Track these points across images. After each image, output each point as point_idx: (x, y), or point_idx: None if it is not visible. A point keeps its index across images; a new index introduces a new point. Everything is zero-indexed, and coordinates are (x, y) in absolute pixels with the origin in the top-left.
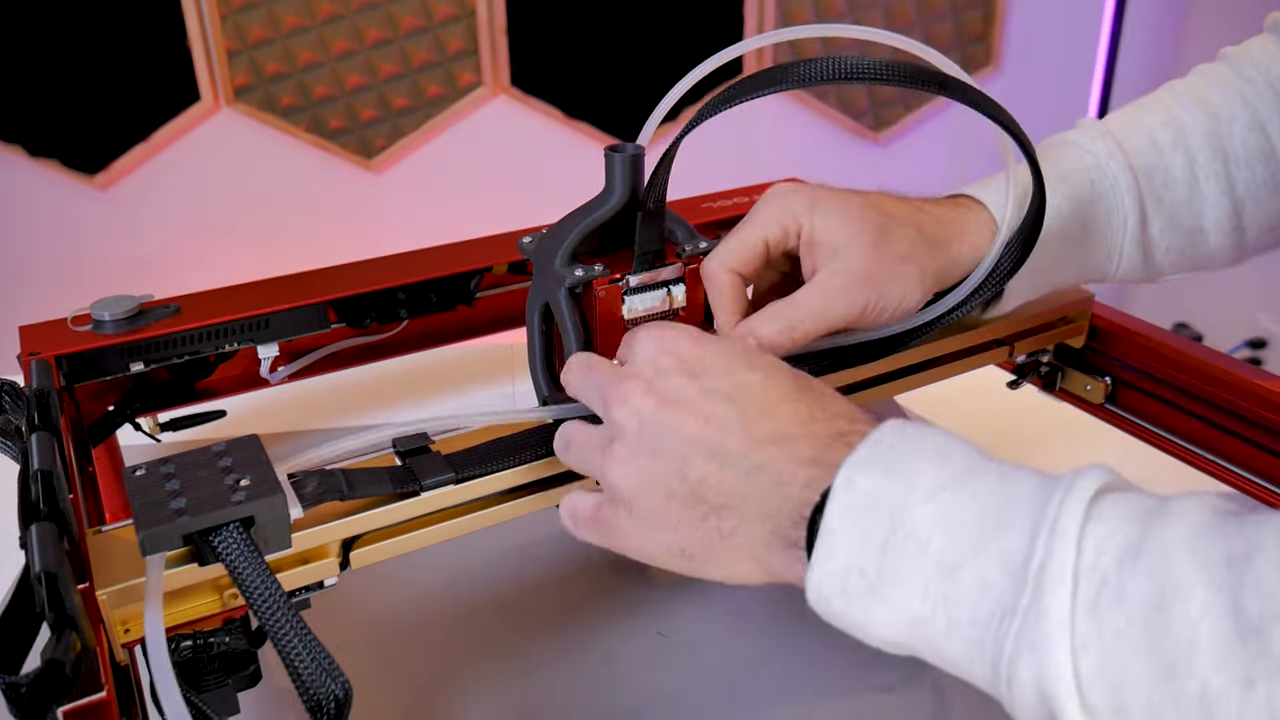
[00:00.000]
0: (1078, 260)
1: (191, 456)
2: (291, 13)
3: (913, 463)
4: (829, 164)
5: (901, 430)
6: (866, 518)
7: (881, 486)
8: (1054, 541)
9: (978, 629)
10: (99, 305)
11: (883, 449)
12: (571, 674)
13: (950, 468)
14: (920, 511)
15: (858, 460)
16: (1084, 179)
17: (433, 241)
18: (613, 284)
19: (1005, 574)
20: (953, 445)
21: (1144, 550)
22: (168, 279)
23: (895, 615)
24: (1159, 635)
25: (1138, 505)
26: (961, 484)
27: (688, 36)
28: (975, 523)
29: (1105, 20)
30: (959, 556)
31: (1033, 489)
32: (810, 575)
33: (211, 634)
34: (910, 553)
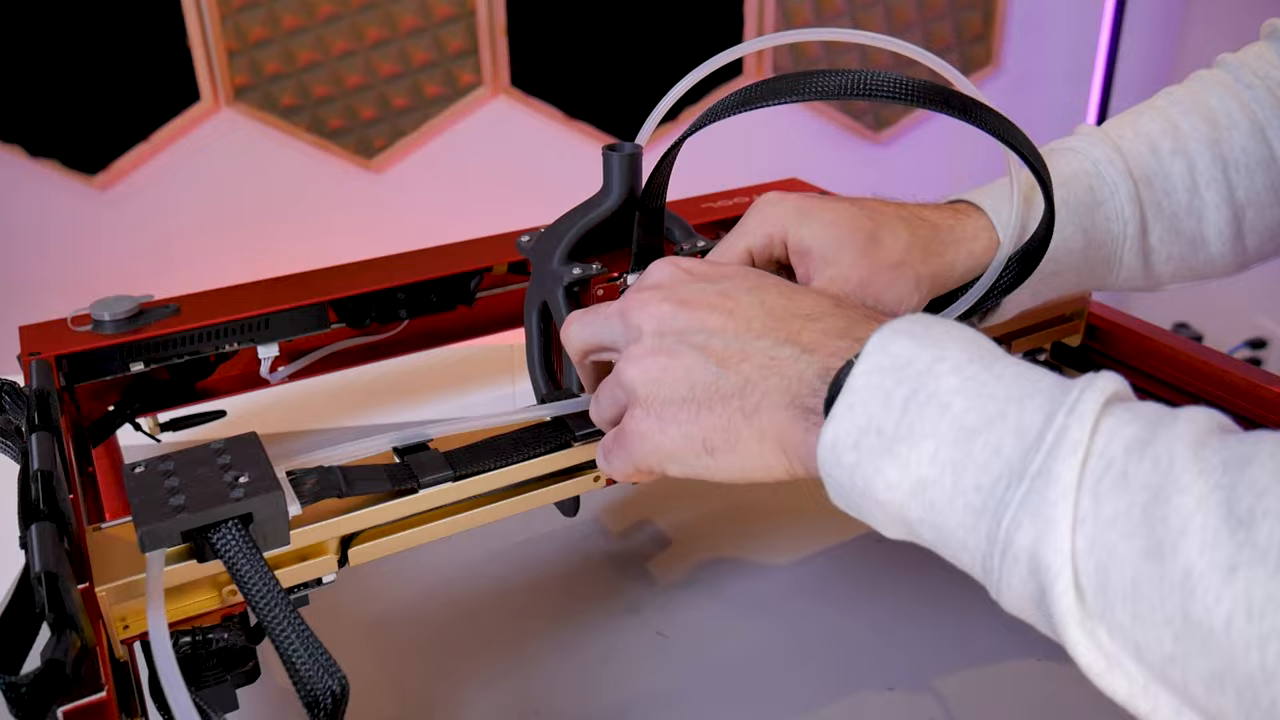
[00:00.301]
0: (1078, 267)
1: (190, 454)
2: (291, 13)
3: (945, 340)
4: (829, 164)
5: (933, 318)
6: (892, 378)
7: (913, 352)
8: (1070, 420)
9: (981, 495)
10: (99, 305)
11: (916, 324)
12: (570, 673)
13: (980, 349)
14: (947, 379)
15: (891, 329)
16: (1084, 185)
17: (433, 241)
18: (610, 282)
19: (1019, 444)
20: (983, 337)
21: (1152, 442)
22: (168, 279)
23: (903, 476)
24: (1153, 521)
25: (1150, 408)
26: (989, 363)
27: (688, 36)
28: (998, 395)
29: (1105, 20)
30: (978, 423)
31: (1055, 379)
32: (825, 431)
33: (210, 630)
34: (930, 414)
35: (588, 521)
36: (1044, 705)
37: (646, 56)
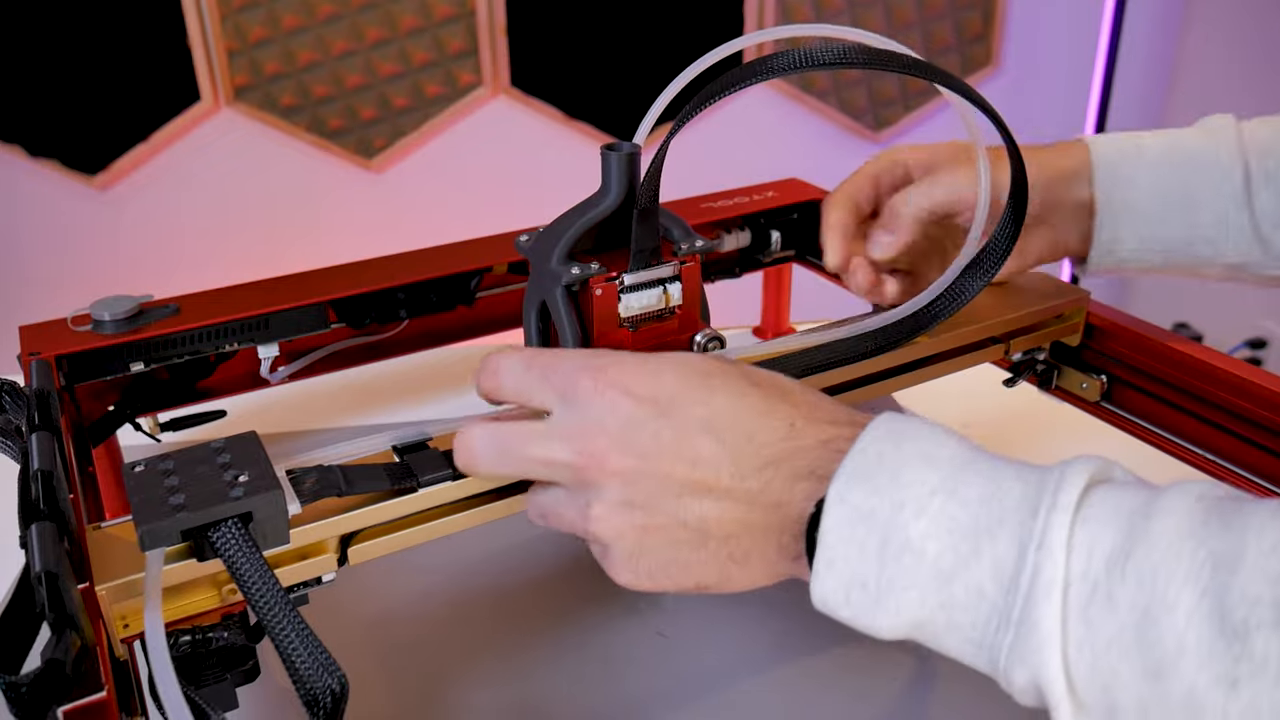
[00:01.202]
0: (1183, 219)
1: (190, 453)
2: (291, 13)
3: (901, 473)
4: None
5: (886, 435)
6: (861, 529)
7: (873, 502)
8: (1041, 557)
9: (976, 631)
10: (99, 305)
11: (869, 460)
12: (569, 672)
13: (938, 471)
14: (913, 526)
15: (846, 475)
16: (1186, 141)
17: (433, 241)
18: (609, 282)
19: (998, 584)
20: (939, 447)
21: (1131, 553)
22: (168, 279)
23: (899, 619)
24: (1148, 642)
25: (1124, 503)
26: (951, 490)
27: (688, 36)
28: (967, 530)
29: (1105, 20)
30: (955, 565)
31: (1020, 494)
32: (814, 588)
33: (210, 629)
34: (907, 564)
35: None
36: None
37: (646, 56)
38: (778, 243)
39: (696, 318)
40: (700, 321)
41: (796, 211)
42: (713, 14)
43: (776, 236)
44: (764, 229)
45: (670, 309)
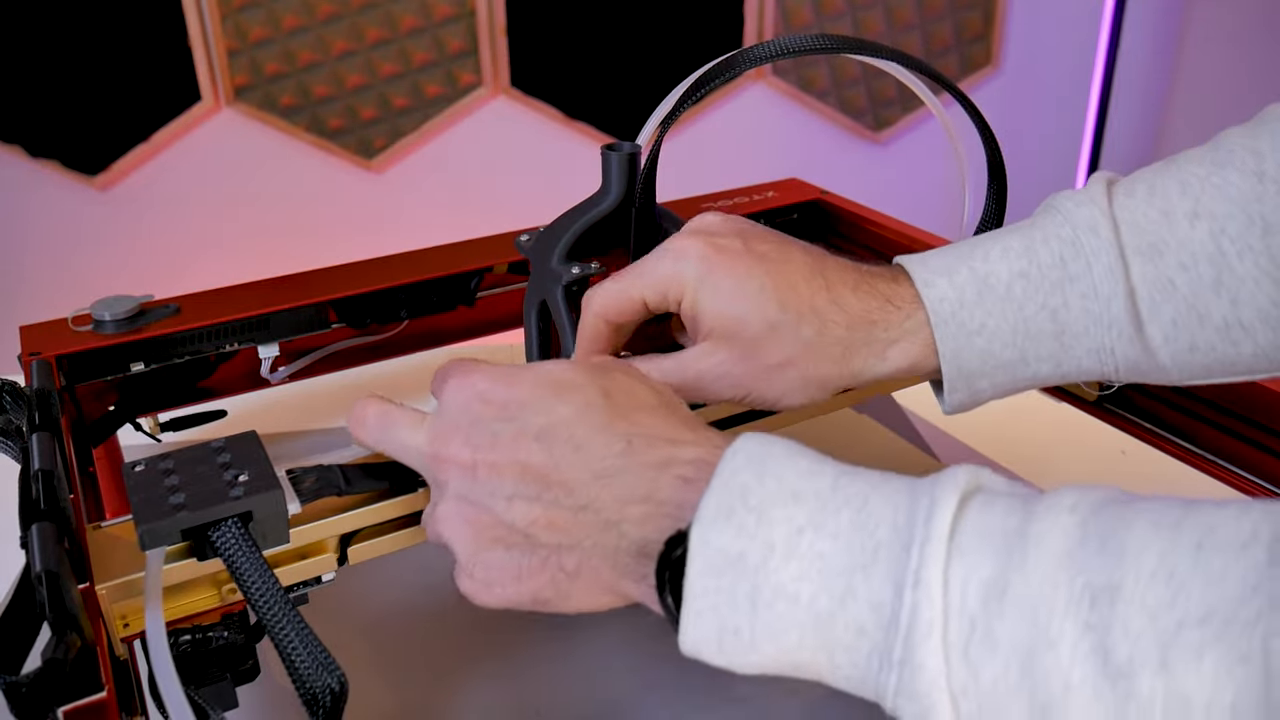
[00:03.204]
0: (1054, 355)
1: (190, 452)
2: (291, 13)
3: (767, 510)
4: (829, 164)
5: (747, 464)
6: (729, 577)
7: (740, 545)
8: (919, 595)
9: (859, 670)
10: (99, 305)
11: (732, 495)
12: (568, 672)
13: (805, 505)
14: (784, 569)
15: (709, 515)
16: (1053, 255)
17: (433, 241)
18: None
19: (877, 624)
20: (804, 477)
21: (1008, 586)
22: (168, 279)
23: (777, 662)
24: (1033, 681)
25: (997, 525)
26: (820, 524)
27: (688, 36)
28: (840, 567)
29: (1105, 20)
30: (830, 607)
31: (891, 524)
32: (683, 636)
33: (210, 629)
34: (781, 610)
35: None
36: None
37: (646, 57)
38: None
39: None
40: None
41: (796, 211)
42: (713, 14)
43: None
44: None
45: None
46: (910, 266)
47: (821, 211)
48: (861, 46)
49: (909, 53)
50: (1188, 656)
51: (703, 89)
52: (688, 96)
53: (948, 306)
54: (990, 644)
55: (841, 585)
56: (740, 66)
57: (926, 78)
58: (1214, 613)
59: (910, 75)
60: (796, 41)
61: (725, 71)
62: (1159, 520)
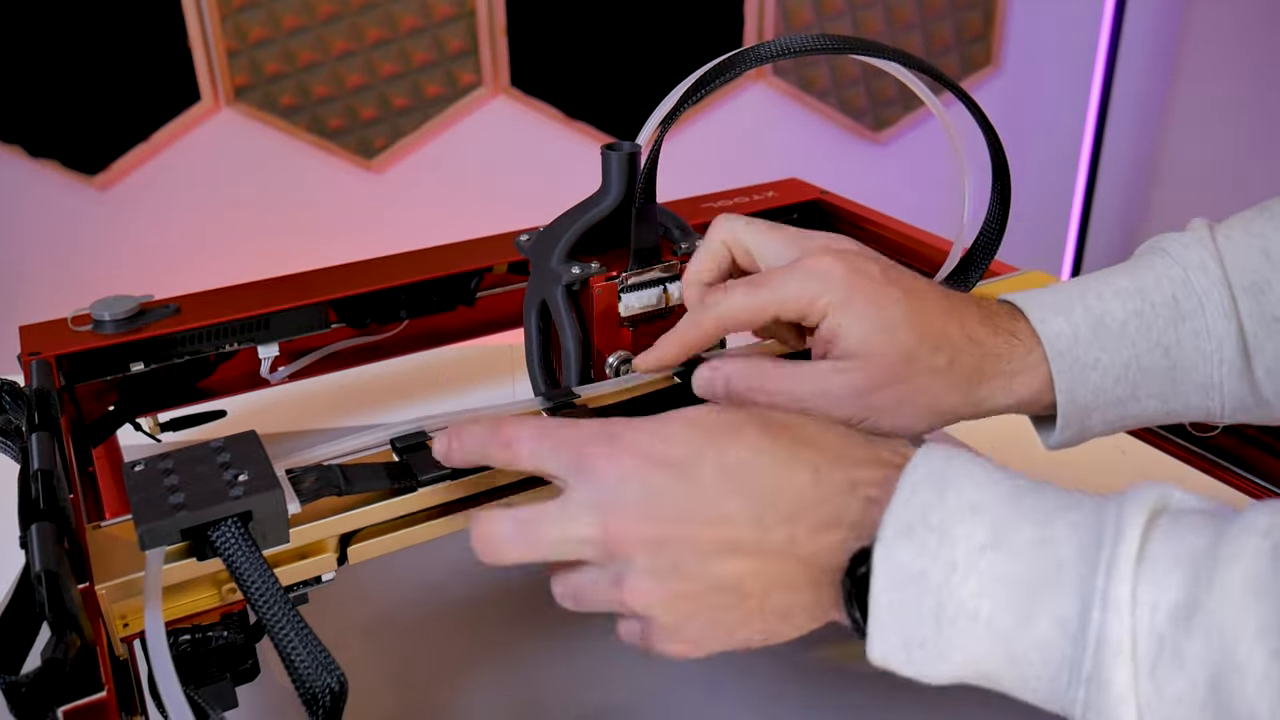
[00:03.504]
0: (1163, 392)
1: (190, 452)
2: (291, 13)
3: (948, 529)
4: (829, 164)
5: (927, 480)
6: (912, 592)
7: (921, 563)
8: (1107, 616)
9: (1045, 683)
10: (99, 305)
11: (913, 514)
12: (568, 671)
13: (986, 522)
14: (964, 587)
15: (890, 534)
16: (1166, 294)
17: (433, 241)
18: (609, 281)
19: (1064, 638)
20: (984, 491)
21: (1196, 609)
22: (168, 279)
23: (966, 670)
24: (1219, 703)
25: (1187, 546)
26: (1000, 542)
27: (688, 36)
28: (1024, 587)
29: (1105, 20)
30: (1014, 625)
31: (1076, 545)
32: (871, 649)
33: (210, 628)
34: (964, 626)
35: None
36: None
37: (646, 56)
38: None
39: None
40: None
41: (796, 211)
42: (713, 14)
43: None
44: None
45: (670, 308)
46: (1023, 304)
47: (821, 211)
48: (863, 46)
49: (909, 52)
50: None
51: (703, 89)
52: (688, 96)
53: (1064, 342)
54: (1178, 663)
55: (1025, 603)
56: (741, 66)
57: (928, 77)
58: None
59: (911, 76)
60: (798, 41)
61: (726, 71)
62: None
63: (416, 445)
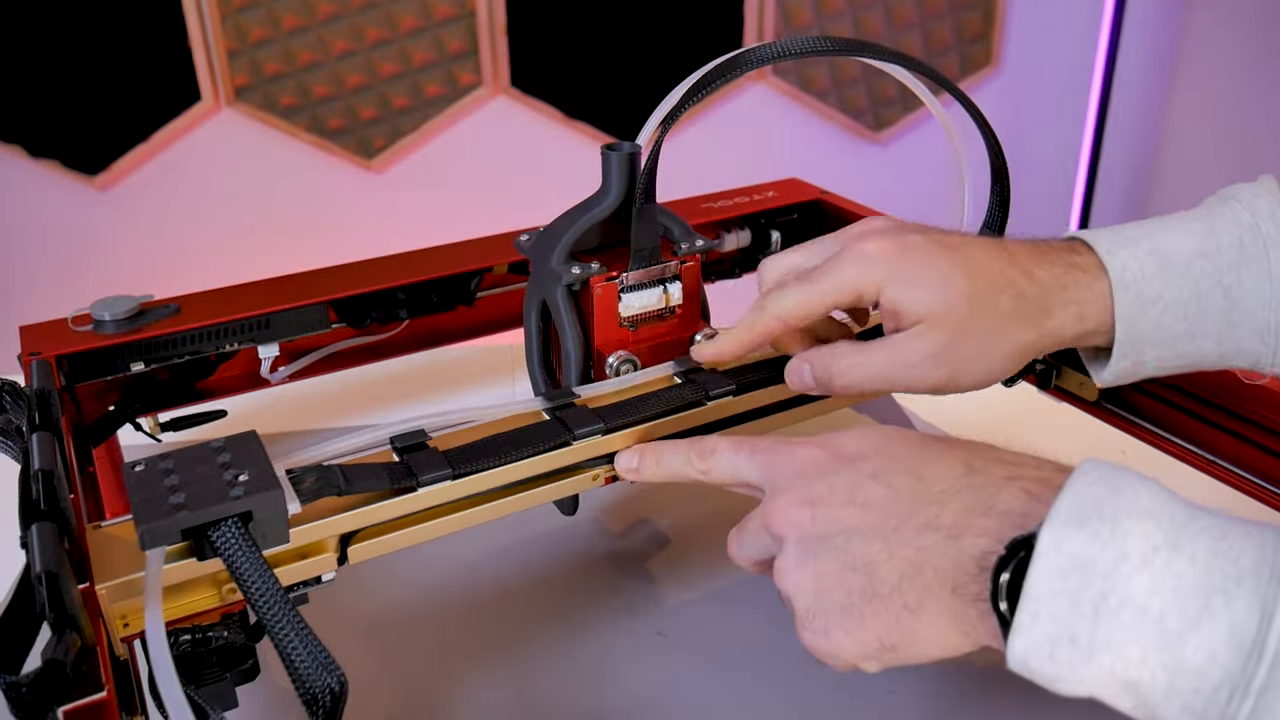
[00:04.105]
0: (1219, 333)
1: (190, 452)
2: (291, 13)
3: (1122, 522)
4: (829, 164)
5: (1099, 480)
6: (1076, 580)
7: (1092, 550)
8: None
9: (1201, 699)
10: (99, 305)
11: (1085, 504)
12: (569, 672)
13: (1162, 526)
14: (1136, 580)
15: (1060, 519)
16: (1233, 237)
17: (433, 241)
18: (609, 281)
19: (1234, 650)
20: (1160, 501)
21: None
22: (168, 279)
23: (1110, 678)
24: None
25: None
26: (1177, 545)
27: (688, 36)
28: (1197, 589)
29: (1105, 20)
30: (1183, 625)
31: (1255, 555)
32: (1013, 643)
33: (210, 628)
34: (1127, 619)
35: (587, 520)
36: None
37: (646, 56)
38: (777, 243)
39: (697, 317)
40: (700, 321)
41: (796, 211)
42: (713, 14)
43: (776, 236)
44: (764, 229)
45: (670, 308)
46: (1091, 238)
47: (821, 211)
48: (863, 48)
49: (909, 53)
50: None
51: (703, 89)
52: (689, 96)
53: (1130, 275)
54: None
55: (1198, 607)
56: (742, 67)
57: (927, 79)
58: None
59: (911, 77)
60: (798, 43)
61: (726, 72)
62: None
63: (416, 445)
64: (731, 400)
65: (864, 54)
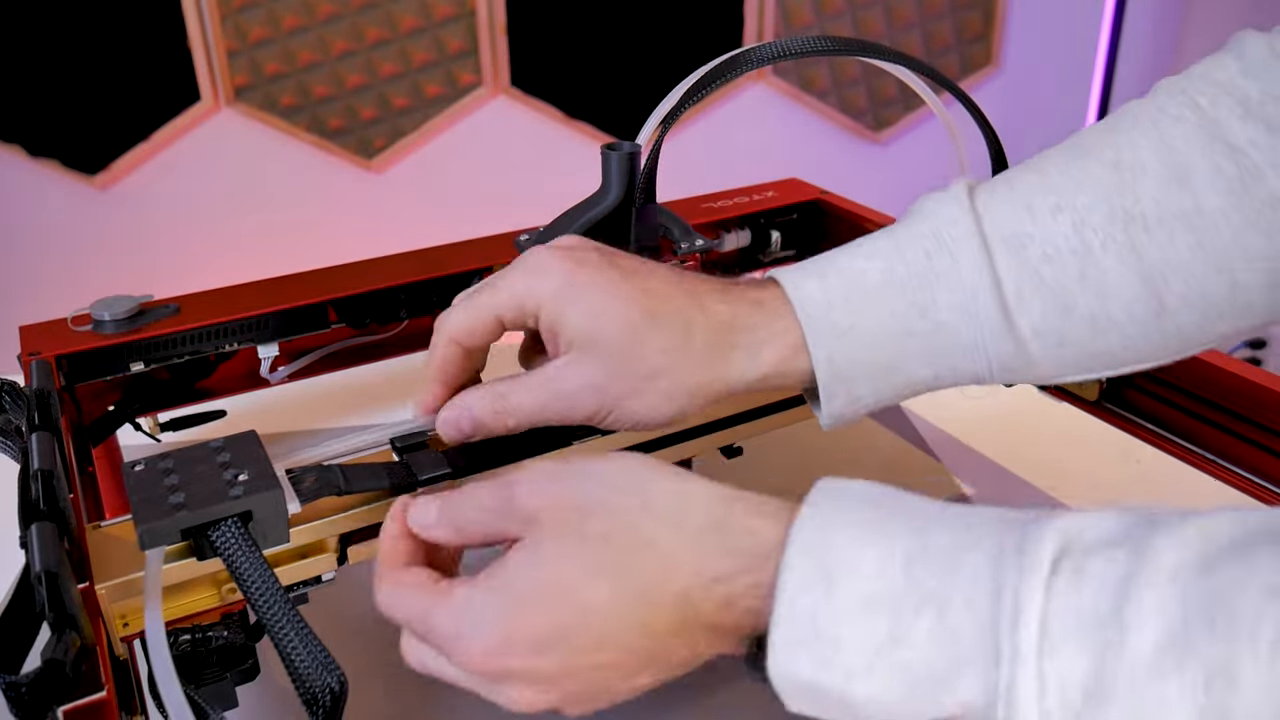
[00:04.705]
0: (926, 355)
1: (190, 452)
2: (291, 13)
3: (840, 635)
4: (829, 164)
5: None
6: (819, 700)
7: (816, 677)
8: (1013, 711)
9: None
10: (99, 305)
11: (801, 621)
12: None
13: (881, 615)
14: (869, 684)
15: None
16: (918, 251)
17: (433, 241)
18: None
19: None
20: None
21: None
22: (168, 279)
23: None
24: None
25: (1090, 612)
26: (898, 638)
27: (688, 36)
28: (924, 679)
29: (1105, 20)
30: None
31: (974, 632)
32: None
33: (210, 628)
34: (873, 710)
35: None
36: None
37: (646, 56)
38: (777, 243)
39: None
40: None
41: (796, 211)
42: (713, 14)
43: (776, 236)
44: (764, 229)
45: None
46: (778, 274)
47: (821, 211)
48: (863, 48)
49: (909, 53)
50: None
51: (703, 89)
52: (688, 96)
53: (817, 307)
54: None
55: (929, 694)
56: (742, 67)
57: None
58: None
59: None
60: (798, 43)
61: (727, 72)
62: (1272, 580)
63: (416, 445)
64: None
65: (864, 54)
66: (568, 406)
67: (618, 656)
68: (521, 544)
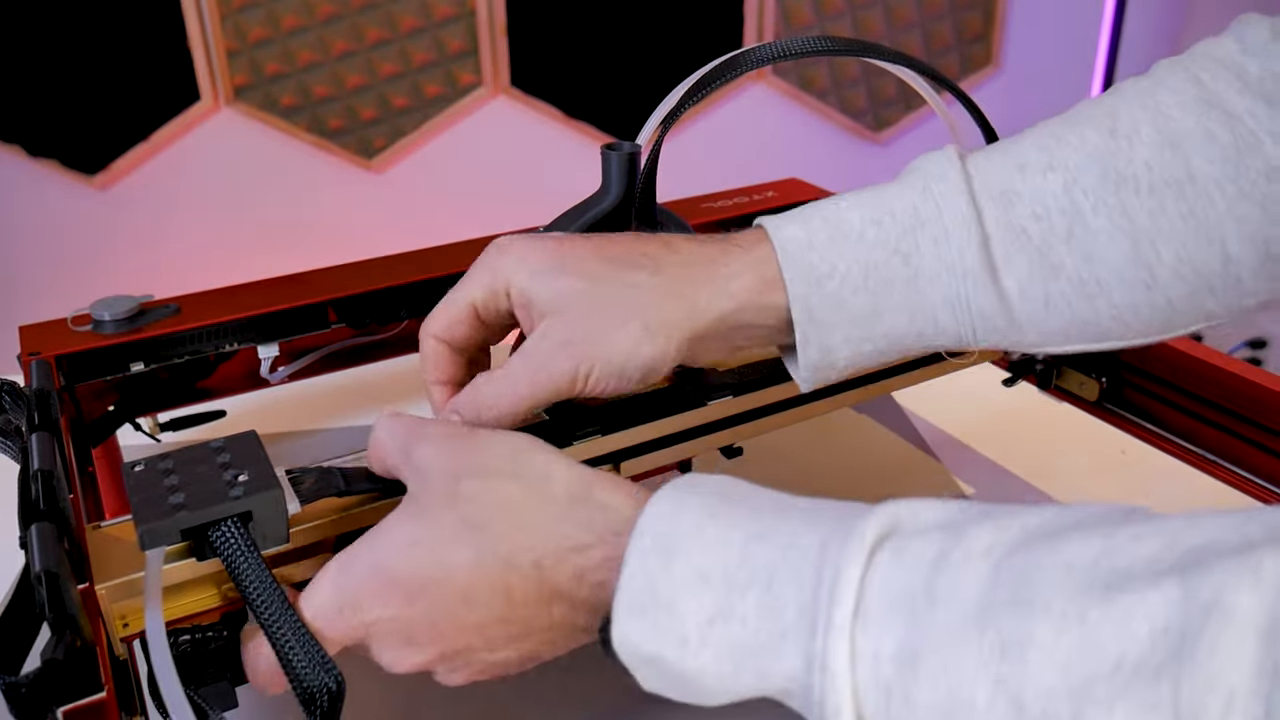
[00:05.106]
0: (909, 306)
1: (190, 452)
2: (291, 13)
3: (675, 604)
4: (829, 164)
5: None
6: (656, 668)
7: (653, 647)
8: (825, 679)
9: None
10: (99, 305)
11: (640, 593)
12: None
13: (713, 589)
14: (701, 655)
15: (621, 613)
16: (906, 203)
17: (433, 241)
18: None
19: (800, 693)
20: (710, 552)
21: (920, 650)
22: (168, 279)
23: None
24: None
25: (903, 586)
26: (728, 612)
27: (688, 36)
28: (752, 651)
29: (1105, 20)
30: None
31: (797, 606)
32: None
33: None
34: (709, 683)
35: None
36: None
37: (646, 56)
38: None
39: None
40: None
41: None
42: (713, 14)
43: None
44: None
45: None
46: (763, 219)
47: None
48: (864, 48)
49: (909, 53)
50: (1099, 712)
51: (703, 89)
52: (689, 96)
53: (797, 246)
54: (910, 709)
55: (756, 665)
56: (742, 67)
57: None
58: (1124, 660)
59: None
60: (798, 43)
61: (727, 72)
62: (1074, 560)
63: None
64: (731, 400)
65: (865, 54)
66: (547, 377)
67: (484, 618)
68: (406, 496)
